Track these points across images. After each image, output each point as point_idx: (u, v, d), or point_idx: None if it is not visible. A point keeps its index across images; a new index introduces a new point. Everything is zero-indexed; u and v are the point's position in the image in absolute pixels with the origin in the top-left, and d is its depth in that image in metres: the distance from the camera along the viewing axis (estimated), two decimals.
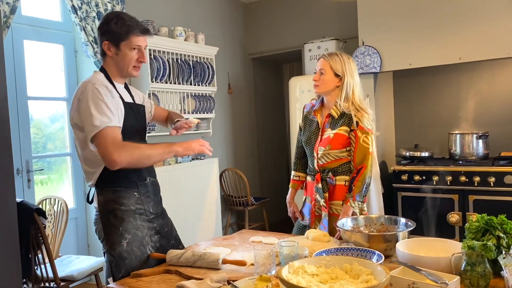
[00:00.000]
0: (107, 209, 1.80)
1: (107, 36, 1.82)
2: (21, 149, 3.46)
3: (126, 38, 1.81)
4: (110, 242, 1.78)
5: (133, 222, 1.81)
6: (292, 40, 5.26)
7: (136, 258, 1.79)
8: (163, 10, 4.37)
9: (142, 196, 1.86)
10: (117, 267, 1.76)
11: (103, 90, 1.74)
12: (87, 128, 1.69)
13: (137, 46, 1.84)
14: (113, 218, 1.79)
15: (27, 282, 2.69)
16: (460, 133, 3.83)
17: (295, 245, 1.57)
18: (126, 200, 1.81)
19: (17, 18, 3.27)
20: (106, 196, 1.81)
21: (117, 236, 1.78)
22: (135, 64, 1.86)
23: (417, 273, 1.32)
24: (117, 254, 1.76)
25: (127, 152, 1.67)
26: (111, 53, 1.84)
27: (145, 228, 1.85)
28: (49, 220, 3.13)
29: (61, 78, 3.83)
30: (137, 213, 1.84)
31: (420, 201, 3.66)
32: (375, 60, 3.91)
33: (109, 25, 1.81)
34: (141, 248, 1.82)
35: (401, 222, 1.84)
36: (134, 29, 1.82)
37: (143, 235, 1.84)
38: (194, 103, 4.44)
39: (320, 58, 2.24)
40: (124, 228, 1.79)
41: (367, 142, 2.11)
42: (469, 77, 4.10)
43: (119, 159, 1.65)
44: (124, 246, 1.77)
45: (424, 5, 3.73)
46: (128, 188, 1.83)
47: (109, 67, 1.87)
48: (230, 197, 5.04)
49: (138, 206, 1.84)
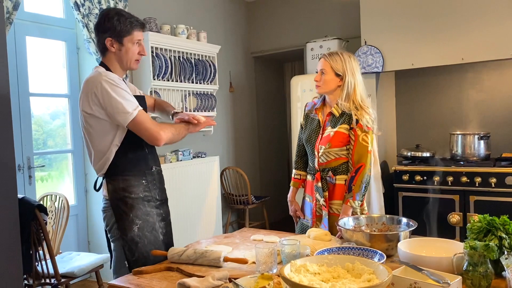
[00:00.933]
0: (117, 197, 1.88)
1: (110, 33, 1.89)
2: (23, 145, 3.46)
3: (129, 33, 1.90)
4: (122, 228, 1.87)
5: (142, 209, 1.90)
6: (294, 39, 5.26)
7: (150, 242, 1.89)
8: (166, 7, 4.37)
9: (149, 183, 1.95)
10: (130, 251, 1.86)
11: (116, 80, 1.84)
12: (120, 116, 1.79)
13: (138, 40, 1.94)
14: (124, 205, 1.87)
15: (28, 278, 2.69)
16: (461, 133, 3.83)
17: (297, 244, 1.57)
18: (135, 188, 1.90)
19: (19, 14, 3.27)
20: (115, 185, 1.88)
21: (128, 222, 1.87)
22: (137, 57, 1.97)
23: (419, 273, 1.32)
24: (129, 239, 1.86)
25: (167, 129, 1.86)
26: (114, 49, 1.91)
27: (154, 214, 1.94)
28: (50, 216, 3.13)
29: (63, 74, 3.83)
30: (145, 200, 1.92)
31: (421, 201, 3.65)
32: (377, 59, 3.91)
33: (112, 22, 1.88)
34: (154, 233, 1.91)
35: (403, 222, 1.83)
36: (136, 24, 1.92)
37: (154, 221, 1.93)
38: (195, 101, 4.43)
39: (321, 58, 2.24)
40: (134, 215, 1.87)
41: (366, 140, 2.11)
42: (471, 78, 4.10)
43: (165, 136, 1.84)
44: (135, 231, 1.86)
45: (427, 5, 3.72)
46: (137, 177, 1.91)
47: (110, 62, 1.94)
48: (231, 196, 5.04)
49: (146, 193, 1.93)
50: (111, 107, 1.78)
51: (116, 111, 1.78)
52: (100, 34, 1.91)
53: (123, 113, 1.78)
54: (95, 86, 1.80)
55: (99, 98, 1.79)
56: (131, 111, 1.78)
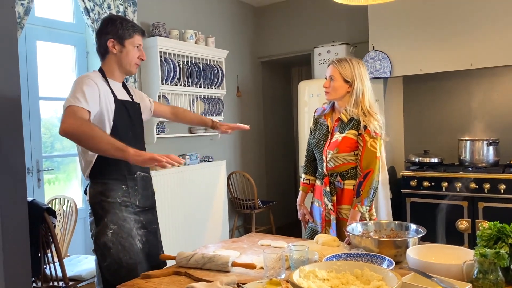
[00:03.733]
0: (95, 201, 1.90)
1: (112, 35, 1.97)
2: (32, 148, 3.49)
3: (130, 36, 1.98)
4: (96, 232, 1.88)
5: (118, 214, 1.89)
6: (302, 44, 5.27)
7: (124, 248, 1.86)
8: (174, 12, 4.39)
9: (129, 189, 1.94)
10: (102, 256, 1.86)
11: (88, 81, 1.87)
12: (65, 103, 1.82)
13: (139, 45, 2.01)
14: (100, 209, 1.88)
15: (36, 281, 2.71)
16: (470, 139, 3.81)
17: (305, 250, 1.56)
18: (113, 192, 1.90)
19: (30, 19, 3.30)
20: (95, 189, 1.90)
21: (102, 226, 1.86)
22: (136, 61, 2.02)
23: (429, 280, 1.31)
24: (101, 243, 1.85)
25: (76, 122, 1.73)
26: (116, 50, 1.98)
27: (131, 220, 1.93)
28: (58, 219, 3.15)
29: (72, 78, 3.86)
30: (123, 205, 1.91)
31: (428, 207, 3.63)
32: (385, 65, 3.90)
33: (115, 25, 1.97)
34: (129, 240, 1.89)
35: (411, 228, 1.83)
36: (137, 29, 2.01)
37: (130, 227, 1.91)
38: (203, 106, 4.45)
39: (330, 64, 2.25)
40: (109, 219, 1.87)
41: (374, 146, 2.11)
42: (479, 83, 4.08)
43: (65, 124, 1.73)
44: (108, 236, 1.85)
45: (436, 10, 3.72)
46: (117, 181, 1.91)
47: (109, 65, 2.01)
48: (237, 200, 5.04)
49: (125, 198, 1.92)
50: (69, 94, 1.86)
51: (67, 99, 1.83)
52: (103, 36, 1.97)
53: (67, 100, 1.82)
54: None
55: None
56: (69, 103, 1.79)
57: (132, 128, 2.01)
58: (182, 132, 4.42)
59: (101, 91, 1.89)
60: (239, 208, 5.06)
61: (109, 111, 1.90)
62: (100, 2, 3.45)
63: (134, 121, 2.03)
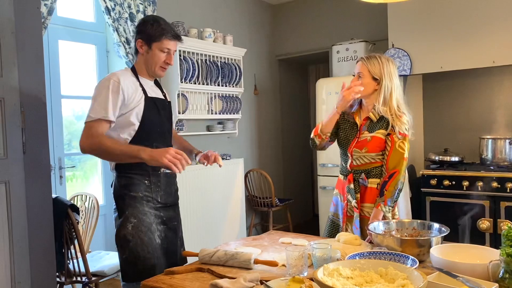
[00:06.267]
0: (119, 194, 1.94)
1: (141, 35, 1.99)
2: (54, 146, 3.56)
3: (158, 39, 1.97)
4: (118, 225, 1.92)
5: (139, 208, 1.92)
6: (319, 41, 5.25)
7: (143, 242, 1.89)
8: (193, 11, 4.42)
9: (152, 185, 1.97)
10: (121, 249, 1.89)
11: (110, 84, 1.89)
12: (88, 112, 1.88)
13: (167, 49, 1.99)
14: (122, 203, 1.93)
15: (60, 276, 2.76)
16: (492, 138, 3.75)
17: (328, 248, 1.57)
18: (136, 186, 1.93)
19: (52, 19, 3.36)
20: (120, 182, 1.95)
21: (123, 220, 1.90)
22: (162, 65, 2.02)
23: (454, 279, 1.30)
24: (121, 236, 1.89)
25: (92, 139, 1.83)
26: (143, 51, 2.00)
27: (152, 215, 1.96)
28: (80, 216, 3.21)
29: (93, 77, 3.92)
30: (145, 200, 1.95)
31: (449, 207, 3.59)
32: (405, 62, 3.86)
33: (146, 25, 1.98)
34: (148, 234, 1.92)
35: (434, 227, 1.81)
36: (167, 33, 1.98)
37: (150, 221, 1.94)
38: (221, 104, 4.47)
39: (358, 61, 2.21)
40: (130, 212, 1.91)
41: (402, 147, 2.09)
42: (502, 81, 4.01)
43: (81, 143, 1.85)
44: (128, 229, 1.89)
45: (456, 6, 3.66)
46: (140, 176, 1.95)
47: (139, 64, 2.04)
48: (255, 198, 5.06)
49: (147, 193, 1.95)
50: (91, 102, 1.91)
51: (89, 109, 1.89)
52: (135, 35, 2.02)
53: (88, 113, 1.88)
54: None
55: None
56: (92, 115, 1.86)
57: (160, 125, 2.03)
58: (200, 130, 4.45)
59: (126, 90, 1.91)
60: (257, 206, 5.07)
61: (138, 108, 1.93)
62: (120, 2, 3.49)
63: (163, 118, 2.06)
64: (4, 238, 1.97)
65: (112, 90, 1.87)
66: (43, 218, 2.15)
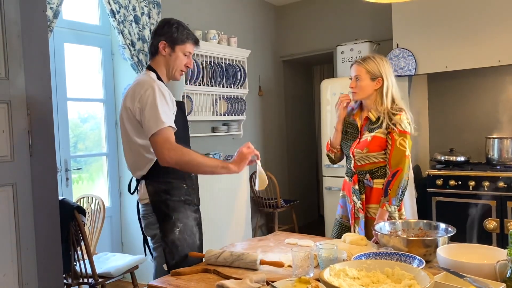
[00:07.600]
0: (159, 199, 1.91)
1: (165, 37, 1.97)
2: (60, 148, 3.58)
3: (183, 43, 1.98)
4: (163, 230, 1.90)
5: (183, 212, 1.93)
6: (324, 42, 5.24)
7: (188, 246, 1.91)
8: (197, 13, 4.43)
9: (189, 188, 1.98)
10: (170, 254, 1.88)
11: (166, 93, 1.87)
12: (151, 123, 1.78)
13: (189, 53, 2.01)
14: (165, 208, 1.90)
15: (67, 278, 2.78)
16: (498, 137, 3.73)
17: (334, 248, 1.56)
18: (176, 191, 1.93)
19: (58, 22, 3.38)
20: (156, 187, 1.91)
21: (170, 225, 1.89)
22: (182, 68, 2.02)
23: (461, 280, 1.29)
24: (170, 241, 1.88)
25: (176, 153, 1.77)
26: (165, 53, 1.98)
27: (192, 218, 1.97)
28: (86, 217, 3.22)
29: (98, 80, 3.94)
30: (186, 203, 1.95)
31: (455, 207, 3.58)
32: (409, 62, 3.85)
33: (171, 28, 1.97)
34: (192, 237, 1.95)
35: (440, 227, 1.80)
36: (191, 38, 2.00)
37: (192, 224, 1.96)
38: (226, 105, 4.48)
39: (354, 64, 2.22)
40: (176, 217, 1.91)
41: (403, 145, 2.09)
42: (507, 80, 3.99)
43: (167, 158, 1.76)
44: (176, 234, 1.89)
45: (461, 6, 3.65)
46: (178, 180, 1.94)
47: (158, 66, 2.01)
48: (260, 199, 5.06)
49: (187, 197, 1.97)
50: (149, 111, 1.78)
51: (151, 117, 1.78)
52: (156, 37, 1.98)
53: (154, 121, 1.77)
54: (145, 89, 1.83)
55: (144, 100, 1.81)
56: (164, 121, 1.78)
57: (184, 128, 2.04)
58: (205, 131, 4.46)
59: (170, 96, 1.91)
60: (262, 207, 5.07)
61: (175, 112, 1.92)
62: (125, 4, 3.50)
63: (185, 120, 2.08)
64: (11, 240, 1.98)
65: (166, 96, 1.86)
66: (50, 220, 2.16)
